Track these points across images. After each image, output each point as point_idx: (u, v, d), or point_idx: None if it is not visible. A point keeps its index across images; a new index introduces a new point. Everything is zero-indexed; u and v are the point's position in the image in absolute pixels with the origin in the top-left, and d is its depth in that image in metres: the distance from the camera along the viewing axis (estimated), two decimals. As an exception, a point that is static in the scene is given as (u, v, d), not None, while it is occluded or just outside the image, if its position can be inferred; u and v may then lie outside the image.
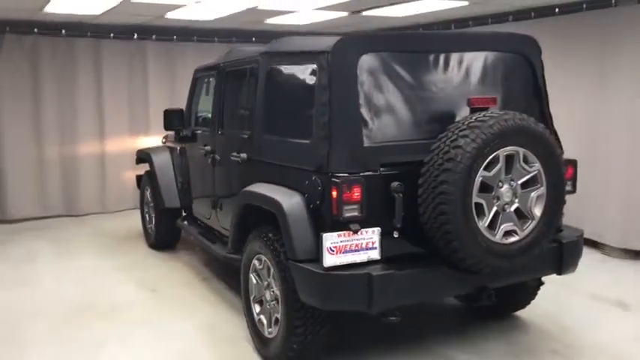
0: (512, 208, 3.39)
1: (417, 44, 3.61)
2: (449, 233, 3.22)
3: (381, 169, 3.36)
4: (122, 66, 8.49)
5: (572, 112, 6.51)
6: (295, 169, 3.60)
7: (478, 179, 3.23)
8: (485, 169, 3.25)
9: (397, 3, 6.68)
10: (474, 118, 3.28)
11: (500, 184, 3.33)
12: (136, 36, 8.50)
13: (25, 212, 8.16)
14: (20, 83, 7.97)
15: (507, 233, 3.38)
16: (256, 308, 4.00)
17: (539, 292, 4.44)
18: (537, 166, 3.41)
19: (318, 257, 3.28)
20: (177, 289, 5.36)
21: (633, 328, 4.44)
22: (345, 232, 3.25)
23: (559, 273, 3.85)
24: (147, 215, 6.77)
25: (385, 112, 3.47)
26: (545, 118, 3.93)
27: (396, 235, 3.38)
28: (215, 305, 4.94)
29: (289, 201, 3.50)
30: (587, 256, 6.22)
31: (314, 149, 3.41)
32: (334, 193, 3.24)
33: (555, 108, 4.09)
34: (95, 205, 8.56)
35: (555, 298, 4.91)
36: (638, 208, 5.92)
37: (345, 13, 7.45)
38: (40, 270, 6.07)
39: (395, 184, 3.33)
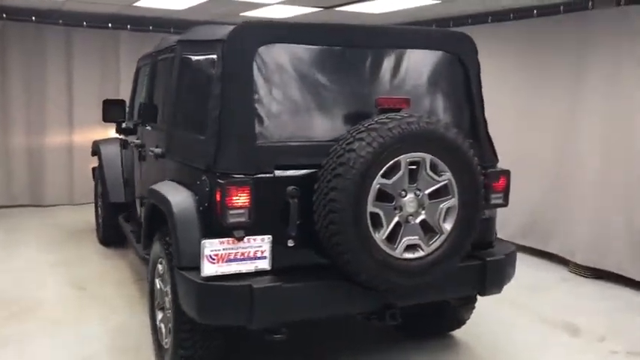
0: (418, 220, 3.07)
1: (328, 37, 3.29)
2: (339, 245, 2.92)
3: (276, 171, 3.07)
4: (94, 56, 8.31)
5: (545, 120, 6.18)
6: (192, 168, 3.33)
7: (375, 187, 2.93)
8: (383, 176, 2.94)
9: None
10: (375, 120, 2.98)
11: (402, 193, 3.02)
12: (110, 25, 8.31)
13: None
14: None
15: (410, 247, 3.07)
16: (158, 315, 3.74)
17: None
18: (448, 175, 3.09)
19: None
20: (107, 289, 5.12)
21: (576, 356, 4.09)
22: (228, 239, 2.97)
23: (481, 294, 3.53)
24: (98, 209, 6.56)
25: (285, 110, 3.17)
26: (476, 123, 3.60)
27: (291, 244, 3.09)
28: (137, 309, 4.68)
29: (179, 202, 3.23)
30: (551, 273, 5.97)
31: (206, 146, 3.13)
32: (218, 196, 2.96)
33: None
34: (62, 196, 8.38)
35: (500, 318, 4.58)
36: (604, 225, 5.55)
37: (317, 9, 7.17)
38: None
39: (290, 188, 3.04)
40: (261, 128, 3.08)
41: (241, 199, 2.96)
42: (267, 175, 3.04)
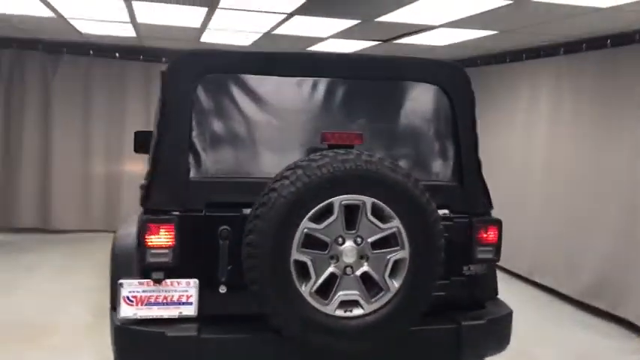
0: (359, 273, 2.68)
1: (280, 66, 3.01)
2: (258, 294, 2.61)
3: (207, 209, 2.83)
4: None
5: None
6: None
7: (301, 232, 2.59)
8: (312, 219, 2.60)
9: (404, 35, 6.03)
10: (308, 157, 2.66)
11: (339, 240, 2.65)
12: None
13: (69, 224, 8.48)
14: (73, 102, 8.35)
15: (347, 304, 2.68)
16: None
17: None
18: (395, 222, 2.68)
19: None
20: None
21: None
22: (148, 280, 2.76)
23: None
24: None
25: (225, 144, 2.94)
26: (462, 164, 3.13)
27: (223, 290, 2.82)
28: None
29: (123, 237, 3.09)
30: (616, 341, 5.11)
31: (146, 181, 2.97)
32: (141, 234, 2.77)
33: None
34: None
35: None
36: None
37: (376, 42, 6.89)
38: (28, 280, 6.15)
39: (221, 228, 2.79)
40: (195, 162, 2.87)
41: (162, 238, 2.75)
42: (197, 213, 2.81)
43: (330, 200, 2.60)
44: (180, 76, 2.90)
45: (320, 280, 2.63)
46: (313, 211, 2.59)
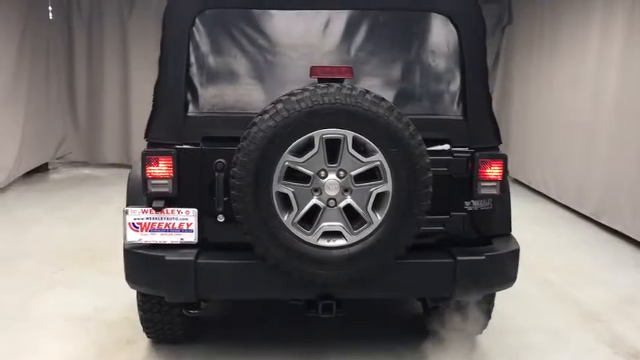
0: (342, 205, 2.73)
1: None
2: (242, 224, 2.73)
3: (203, 142, 2.95)
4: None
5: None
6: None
7: (282, 165, 2.66)
8: (293, 153, 2.66)
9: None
10: (290, 91, 2.69)
11: (322, 173, 2.70)
12: None
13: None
14: (148, 42, 8.67)
15: (330, 235, 2.74)
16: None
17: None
18: (378, 156, 2.68)
19: None
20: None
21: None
22: (151, 208, 2.96)
23: (450, 297, 3.02)
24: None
25: (222, 79, 3.01)
26: (467, 96, 3.03)
27: (221, 219, 2.96)
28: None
29: (135, 167, 3.28)
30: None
31: (150, 115, 3.13)
32: (142, 166, 2.95)
33: None
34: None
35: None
36: None
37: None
38: (103, 211, 6.68)
39: (216, 161, 2.91)
40: (192, 98, 2.98)
41: (162, 169, 2.91)
42: (194, 147, 2.94)
43: (310, 134, 2.63)
44: (177, 12, 2.98)
45: (303, 211, 2.71)
46: (293, 144, 2.64)
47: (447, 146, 3.00)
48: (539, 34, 7.77)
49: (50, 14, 8.59)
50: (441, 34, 3.07)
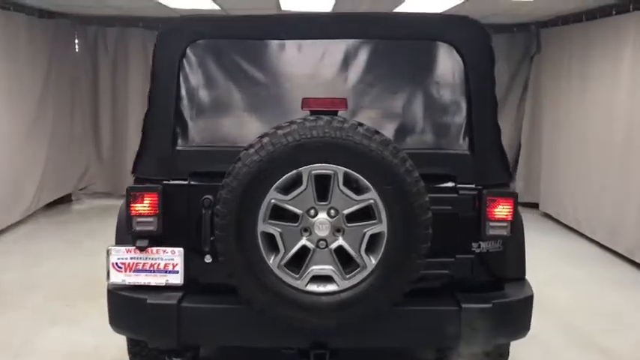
0: (333, 247, 2.53)
1: (272, 30, 2.87)
2: (225, 266, 2.55)
3: (192, 178, 2.80)
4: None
5: None
6: None
7: (267, 202, 2.48)
8: (279, 190, 2.48)
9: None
10: (278, 125, 2.52)
11: (311, 212, 2.51)
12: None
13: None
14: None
15: (320, 279, 2.54)
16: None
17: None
18: (371, 194, 2.48)
19: None
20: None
21: None
22: (135, 247, 2.81)
23: (454, 348, 2.77)
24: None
25: (213, 112, 2.90)
26: (474, 129, 2.83)
27: (208, 259, 2.79)
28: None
29: (122, 207, 3.15)
30: None
31: (138, 149, 3.01)
32: (126, 202, 2.82)
33: None
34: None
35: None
36: None
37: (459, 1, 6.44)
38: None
39: (204, 198, 2.75)
40: (182, 131, 2.85)
41: (147, 206, 2.77)
42: (181, 182, 2.80)
43: (297, 170, 2.46)
44: (168, 42, 2.88)
45: (290, 253, 2.52)
46: (280, 181, 2.47)
47: (451, 183, 2.79)
48: (567, 63, 7.50)
49: (77, 47, 8.69)
50: (447, 63, 2.89)
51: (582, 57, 7.12)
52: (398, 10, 7.18)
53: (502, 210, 2.77)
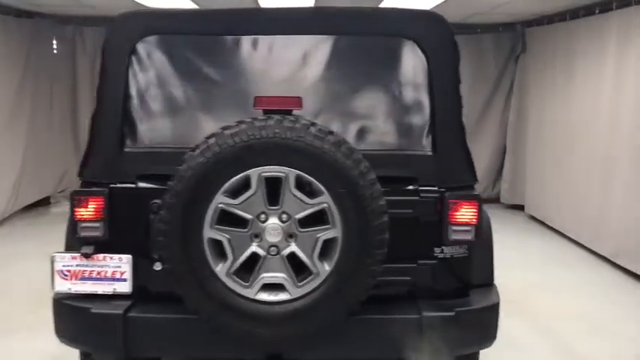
0: (285, 253, 2.39)
1: (226, 24, 2.73)
2: (170, 274, 2.41)
3: (140, 181, 2.67)
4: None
5: None
6: None
7: (213, 207, 2.34)
8: (227, 194, 2.34)
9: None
10: (226, 125, 2.38)
11: (262, 217, 2.37)
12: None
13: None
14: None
15: (271, 287, 2.40)
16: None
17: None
18: (324, 198, 2.34)
19: None
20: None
21: None
22: (80, 254, 2.67)
23: (415, 357, 2.64)
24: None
25: (164, 111, 2.74)
26: (437, 129, 2.69)
27: (158, 267, 2.65)
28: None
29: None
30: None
31: (85, 151, 2.85)
32: (70, 207, 2.67)
33: None
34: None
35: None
36: None
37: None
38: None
39: (152, 202, 2.61)
40: (130, 132, 2.71)
41: (92, 211, 2.63)
42: (129, 186, 2.66)
43: (246, 172, 2.32)
44: (117, 39, 2.74)
45: (239, 261, 2.38)
46: (228, 184, 2.33)
47: (413, 186, 2.66)
48: (552, 63, 7.38)
49: (55, 48, 8.53)
50: (409, 60, 2.76)
51: (567, 57, 7.00)
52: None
53: (465, 213, 2.64)
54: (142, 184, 2.65)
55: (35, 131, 7.98)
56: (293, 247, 2.38)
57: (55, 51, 8.56)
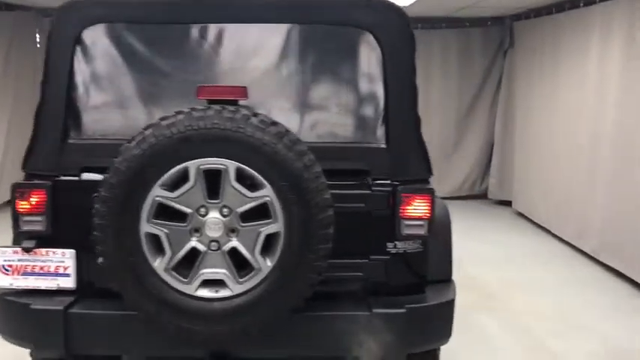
0: (227, 249, 2.32)
1: (173, 12, 2.64)
2: (106, 270, 2.34)
3: (84, 174, 2.59)
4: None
5: None
6: None
7: (150, 201, 2.27)
8: (165, 187, 2.27)
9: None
10: (164, 116, 2.31)
11: (202, 210, 2.30)
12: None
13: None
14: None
15: (212, 284, 2.33)
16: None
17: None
18: (266, 191, 2.27)
19: None
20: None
21: None
22: (22, 248, 2.59)
23: (365, 355, 2.57)
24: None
25: (109, 102, 2.68)
26: (390, 120, 2.61)
27: (102, 260, 2.57)
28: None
29: None
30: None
31: (28, 143, 2.77)
32: (11, 200, 2.60)
33: None
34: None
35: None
36: None
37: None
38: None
39: (95, 195, 2.53)
40: (74, 123, 2.63)
41: (34, 204, 2.55)
42: (72, 178, 2.58)
43: (183, 165, 2.25)
44: (62, 27, 2.66)
45: (178, 256, 2.31)
46: (165, 177, 2.25)
47: (365, 179, 2.58)
48: (539, 57, 7.29)
49: (37, 41, 8.44)
50: (363, 50, 2.68)
51: (553, 51, 6.91)
52: None
53: (418, 208, 2.56)
54: (86, 177, 2.57)
55: (18, 123, 7.91)
56: (234, 242, 2.30)
57: (38, 44, 8.48)
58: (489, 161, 8.70)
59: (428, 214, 2.57)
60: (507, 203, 8.30)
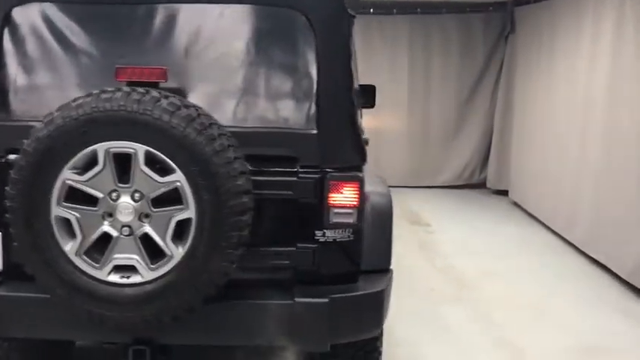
0: (139, 234, 2.27)
1: None
2: (18, 253, 2.32)
3: (10, 155, 2.56)
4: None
5: None
6: None
7: (60, 183, 2.23)
8: (75, 170, 2.23)
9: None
10: (76, 97, 2.26)
11: (113, 195, 2.25)
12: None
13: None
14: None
15: (124, 269, 2.29)
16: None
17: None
18: (177, 176, 2.21)
19: None
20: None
21: None
22: (-53, 229, 2.58)
23: (287, 345, 2.52)
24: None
25: (36, 84, 2.62)
26: (322, 106, 2.53)
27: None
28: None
29: None
30: None
31: None
32: None
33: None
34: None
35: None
36: None
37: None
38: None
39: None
40: (1, 104, 2.60)
41: None
42: None
43: (92, 147, 2.20)
44: None
45: (89, 240, 2.27)
46: (75, 159, 2.21)
47: (293, 166, 2.51)
48: (538, 43, 7.09)
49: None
50: (296, 33, 2.59)
51: (550, 36, 6.73)
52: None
53: (347, 195, 2.49)
54: (12, 158, 2.54)
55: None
56: (147, 228, 2.26)
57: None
58: (489, 149, 8.53)
59: (356, 203, 2.50)
60: (505, 193, 8.15)
